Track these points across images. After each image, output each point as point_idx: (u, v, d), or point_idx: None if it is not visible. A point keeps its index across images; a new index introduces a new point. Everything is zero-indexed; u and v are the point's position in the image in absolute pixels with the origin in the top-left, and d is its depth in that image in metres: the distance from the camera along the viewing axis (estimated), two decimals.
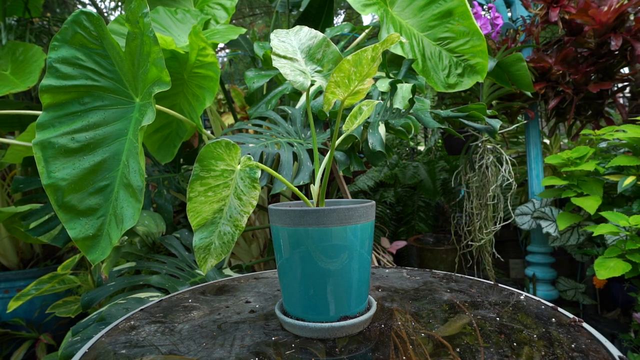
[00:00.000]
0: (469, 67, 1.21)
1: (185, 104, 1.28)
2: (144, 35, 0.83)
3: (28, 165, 1.36)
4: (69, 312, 1.39)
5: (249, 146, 1.02)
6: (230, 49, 2.92)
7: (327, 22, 1.92)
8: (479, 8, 1.58)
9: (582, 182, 1.41)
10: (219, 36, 1.37)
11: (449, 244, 2.11)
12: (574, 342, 0.47)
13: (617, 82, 1.56)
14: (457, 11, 1.21)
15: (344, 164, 1.02)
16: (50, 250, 1.99)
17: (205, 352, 0.48)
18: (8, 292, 1.73)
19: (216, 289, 0.75)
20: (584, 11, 1.45)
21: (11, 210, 1.40)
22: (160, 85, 0.82)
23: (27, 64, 1.64)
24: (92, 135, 0.87)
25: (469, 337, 0.49)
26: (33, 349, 1.65)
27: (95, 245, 0.82)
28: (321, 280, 0.50)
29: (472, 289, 0.69)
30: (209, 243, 0.52)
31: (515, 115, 1.79)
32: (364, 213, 0.51)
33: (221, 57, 4.25)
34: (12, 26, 2.03)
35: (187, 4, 1.80)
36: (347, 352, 0.47)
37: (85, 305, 0.94)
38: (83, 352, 0.49)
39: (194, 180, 0.50)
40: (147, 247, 1.24)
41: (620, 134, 1.32)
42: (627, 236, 1.20)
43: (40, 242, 1.81)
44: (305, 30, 0.61)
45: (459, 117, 1.09)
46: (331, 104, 0.51)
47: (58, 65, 0.87)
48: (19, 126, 1.83)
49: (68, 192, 0.82)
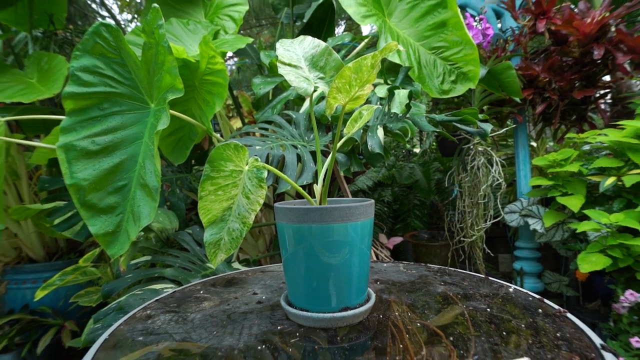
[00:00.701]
0: (461, 75, 1.20)
1: (196, 109, 1.28)
2: (159, 45, 0.83)
3: (53, 166, 1.37)
4: (90, 301, 1.40)
5: (256, 148, 1.02)
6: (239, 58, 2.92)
7: (329, 32, 1.92)
8: (471, 19, 1.57)
9: (566, 182, 1.40)
10: (227, 45, 1.37)
11: (443, 240, 2.10)
12: (559, 331, 0.46)
13: (599, 89, 1.55)
14: (451, 22, 1.20)
15: (345, 165, 1.02)
16: (73, 244, 2.00)
17: (216, 339, 0.48)
18: (35, 283, 1.74)
19: (226, 281, 0.75)
20: (568, 23, 1.44)
21: (38, 207, 1.41)
22: (174, 92, 0.82)
23: (52, 72, 1.65)
24: (110, 139, 0.87)
25: (461, 327, 0.49)
26: (59, 334, 1.66)
27: (115, 241, 0.83)
28: (324, 274, 0.50)
29: (464, 282, 0.68)
30: (219, 239, 0.52)
31: (504, 119, 1.78)
32: (364, 211, 0.51)
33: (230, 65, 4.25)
34: (38, 38, 2.04)
35: (198, 15, 1.80)
36: (348, 340, 0.47)
37: (105, 295, 0.94)
38: (104, 338, 0.50)
39: (204, 180, 0.50)
40: (162, 242, 1.24)
41: (602, 138, 1.31)
42: (608, 233, 1.19)
43: (64, 237, 1.82)
44: (308, 39, 0.61)
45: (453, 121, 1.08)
46: (333, 109, 0.51)
47: (79, 74, 0.87)
48: (44, 130, 1.83)
49: (89, 191, 0.82)
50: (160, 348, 0.46)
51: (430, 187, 2.43)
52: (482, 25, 1.58)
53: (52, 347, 1.66)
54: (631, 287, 1.15)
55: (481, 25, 1.58)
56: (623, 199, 1.28)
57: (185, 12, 1.81)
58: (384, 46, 0.46)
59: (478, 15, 1.66)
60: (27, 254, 1.84)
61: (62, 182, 1.24)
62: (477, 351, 0.42)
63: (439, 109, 1.99)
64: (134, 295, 0.87)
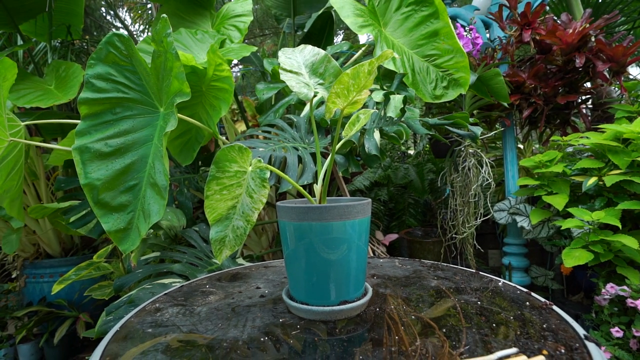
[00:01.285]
0: (453, 81, 1.20)
1: (203, 113, 1.28)
2: (167, 53, 0.82)
3: (69, 167, 1.36)
4: (103, 294, 1.39)
5: (259, 150, 1.02)
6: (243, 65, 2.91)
7: (328, 41, 1.91)
8: (461, 29, 1.57)
9: (551, 182, 1.40)
10: (233, 54, 1.37)
11: (436, 237, 2.09)
12: (545, 323, 0.46)
13: (581, 95, 1.55)
14: (443, 32, 1.20)
15: (343, 165, 1.02)
16: (88, 240, 1.99)
17: (221, 331, 0.47)
18: (52, 277, 1.74)
19: (230, 276, 0.74)
20: (552, 33, 1.43)
21: (54, 206, 1.40)
22: (182, 96, 0.81)
23: (69, 79, 1.64)
24: (122, 141, 0.86)
25: (454, 319, 0.48)
26: (74, 326, 1.65)
27: (126, 237, 0.82)
28: (323, 269, 0.49)
29: (456, 276, 0.68)
30: (224, 236, 0.51)
31: (493, 123, 1.78)
32: (361, 209, 0.50)
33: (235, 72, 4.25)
34: (57, 47, 2.04)
35: (206, 25, 1.80)
36: (346, 332, 0.46)
37: (117, 289, 0.94)
38: (115, 329, 0.49)
39: (210, 180, 0.49)
40: (170, 239, 1.24)
41: (584, 140, 1.31)
42: (590, 229, 1.19)
43: (79, 234, 1.81)
44: (309, 48, 0.60)
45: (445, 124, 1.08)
46: (332, 113, 0.50)
47: (94, 81, 0.87)
48: (61, 133, 1.83)
49: (102, 190, 0.82)
50: (169, 339, 0.46)
51: (424, 186, 2.42)
52: (471, 35, 1.58)
53: (67, 338, 1.65)
54: (612, 280, 1.15)
55: (471, 35, 1.58)
56: (604, 197, 1.27)
57: (193, 22, 1.81)
58: (380, 54, 0.45)
59: (468, 26, 1.66)
60: (44, 250, 1.84)
61: (78, 182, 1.23)
62: (469, 342, 0.42)
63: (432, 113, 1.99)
64: (144, 289, 0.87)
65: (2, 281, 1.97)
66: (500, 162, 1.95)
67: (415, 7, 1.23)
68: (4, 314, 1.68)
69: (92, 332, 1.36)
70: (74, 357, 1.71)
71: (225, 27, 1.65)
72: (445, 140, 1.23)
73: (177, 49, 0.81)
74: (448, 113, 1.65)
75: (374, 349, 0.41)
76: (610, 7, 2.37)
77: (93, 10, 3.52)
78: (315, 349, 0.42)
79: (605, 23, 1.43)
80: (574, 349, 0.39)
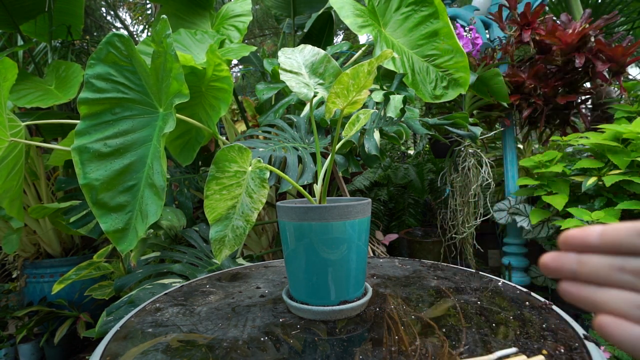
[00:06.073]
0: (453, 81, 1.20)
1: (203, 113, 1.28)
2: (166, 54, 0.82)
3: (69, 167, 1.36)
4: (103, 294, 1.39)
5: (259, 150, 1.02)
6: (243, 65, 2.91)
7: (328, 41, 1.91)
8: (461, 29, 1.57)
9: (551, 182, 1.40)
10: (232, 54, 1.37)
11: (436, 237, 2.09)
12: (544, 323, 0.46)
13: (581, 95, 1.55)
14: (442, 32, 1.19)
15: (343, 166, 1.02)
16: (88, 240, 1.99)
17: (221, 331, 0.47)
18: (53, 277, 1.74)
19: (230, 276, 0.74)
20: (552, 33, 1.43)
21: (55, 206, 1.40)
22: (180, 98, 0.81)
23: (69, 79, 1.64)
24: (121, 141, 0.86)
25: (453, 319, 0.48)
26: (74, 325, 1.65)
27: (124, 237, 0.82)
28: (323, 269, 0.49)
29: (456, 276, 0.68)
30: (223, 236, 0.51)
31: (493, 123, 1.78)
32: (361, 209, 0.50)
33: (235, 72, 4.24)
34: (57, 48, 2.04)
35: (205, 26, 1.79)
36: (346, 332, 0.46)
37: (117, 289, 0.94)
38: (115, 330, 0.49)
39: (210, 180, 0.49)
40: (170, 239, 1.23)
41: (584, 140, 1.31)
42: None
43: (79, 234, 1.81)
44: (309, 48, 0.60)
45: (445, 124, 1.08)
46: (332, 113, 0.50)
47: (94, 81, 0.87)
48: (62, 133, 1.83)
49: (101, 190, 0.82)
50: (169, 339, 0.45)
51: (423, 186, 2.42)
52: (471, 35, 1.58)
53: (68, 337, 1.65)
54: None
55: (471, 35, 1.58)
56: (603, 197, 1.27)
57: (193, 23, 1.80)
58: (379, 54, 0.45)
59: (468, 26, 1.65)
60: (45, 250, 1.84)
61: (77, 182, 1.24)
62: (468, 341, 0.42)
63: (432, 113, 1.99)
64: (144, 289, 0.87)
65: (3, 281, 1.97)
66: (500, 162, 1.95)
67: (415, 7, 1.23)
68: (5, 313, 1.68)
69: (93, 332, 1.36)
70: (75, 356, 1.71)
71: (224, 27, 1.65)
72: (445, 140, 1.23)
73: (176, 49, 0.81)
74: (448, 113, 1.65)
75: (373, 349, 0.41)
76: (610, 8, 2.37)
77: (93, 11, 3.52)
78: (315, 349, 0.42)
79: (604, 23, 1.43)
80: (574, 349, 0.39)
